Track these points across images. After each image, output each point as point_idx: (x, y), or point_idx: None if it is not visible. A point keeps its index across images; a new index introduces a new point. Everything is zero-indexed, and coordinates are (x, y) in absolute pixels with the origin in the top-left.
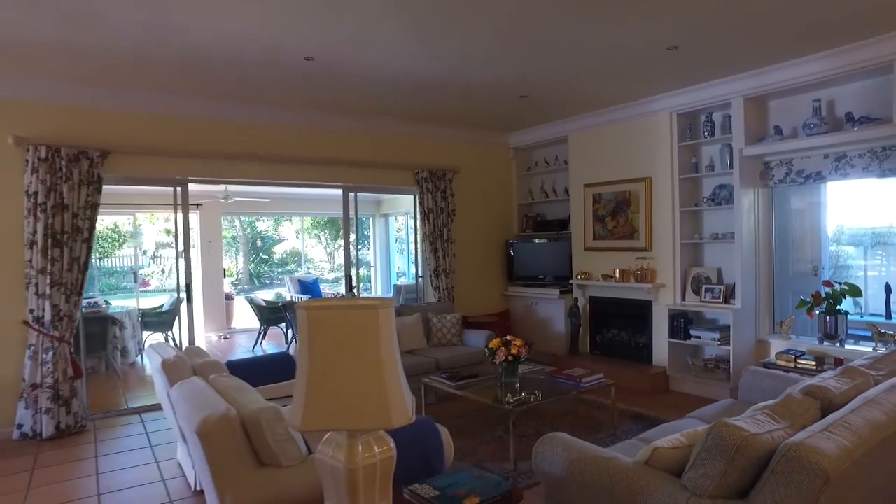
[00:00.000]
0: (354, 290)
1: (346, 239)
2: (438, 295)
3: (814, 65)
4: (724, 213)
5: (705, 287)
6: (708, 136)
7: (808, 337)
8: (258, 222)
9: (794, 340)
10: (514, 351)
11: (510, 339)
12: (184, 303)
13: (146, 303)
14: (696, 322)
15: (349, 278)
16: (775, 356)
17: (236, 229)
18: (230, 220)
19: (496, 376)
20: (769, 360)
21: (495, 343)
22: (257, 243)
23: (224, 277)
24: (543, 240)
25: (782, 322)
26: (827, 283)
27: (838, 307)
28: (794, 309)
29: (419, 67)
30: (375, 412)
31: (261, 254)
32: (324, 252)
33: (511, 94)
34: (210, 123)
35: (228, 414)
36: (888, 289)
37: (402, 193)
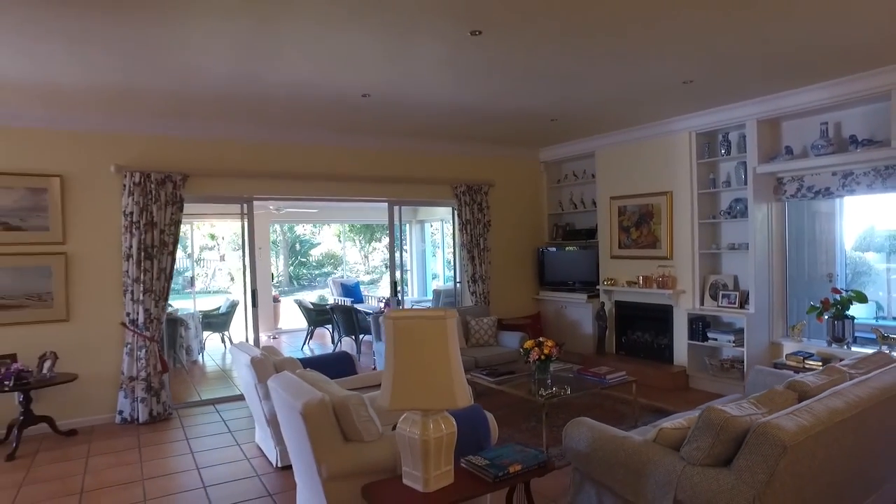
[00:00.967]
0: (398, 295)
1: (392, 248)
2: (475, 299)
3: (819, 92)
4: (740, 225)
5: (722, 293)
6: (725, 154)
7: (819, 340)
8: (297, 227)
9: (805, 343)
10: (546, 351)
11: (543, 341)
12: (240, 305)
13: (200, 304)
14: (714, 325)
15: (394, 284)
16: (786, 357)
17: (276, 234)
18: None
19: (530, 373)
20: (780, 361)
21: (529, 344)
22: (296, 247)
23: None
24: (572, 248)
25: (794, 326)
26: (835, 290)
27: (846, 312)
28: (805, 314)
29: (459, 99)
30: (445, 396)
31: (299, 257)
32: (359, 255)
33: (542, 118)
34: (273, 147)
35: (324, 399)
36: None
37: (442, 206)
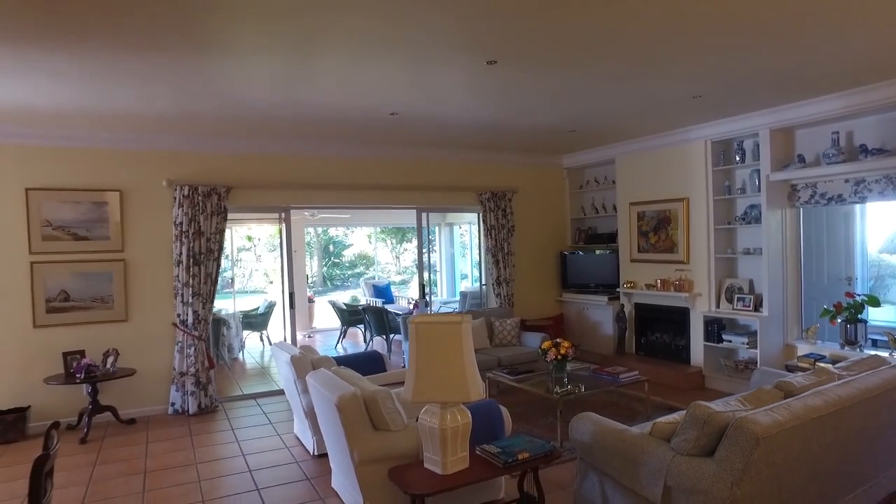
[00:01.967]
0: (426, 297)
1: (420, 253)
2: (500, 301)
3: (833, 102)
4: (755, 230)
5: (737, 296)
6: (740, 162)
7: (833, 343)
8: (330, 229)
9: (819, 345)
10: (563, 351)
11: (559, 342)
12: (277, 306)
13: (238, 304)
14: (729, 328)
15: (422, 287)
16: (797, 359)
17: (310, 235)
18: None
19: (548, 372)
20: (791, 363)
21: (547, 344)
22: (329, 248)
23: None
24: (594, 251)
25: (808, 329)
26: (848, 294)
27: (859, 316)
28: (818, 317)
29: (480, 116)
30: (460, 390)
31: (332, 258)
32: (391, 256)
33: (562, 129)
34: (309, 160)
35: (356, 393)
36: None
37: (468, 212)
